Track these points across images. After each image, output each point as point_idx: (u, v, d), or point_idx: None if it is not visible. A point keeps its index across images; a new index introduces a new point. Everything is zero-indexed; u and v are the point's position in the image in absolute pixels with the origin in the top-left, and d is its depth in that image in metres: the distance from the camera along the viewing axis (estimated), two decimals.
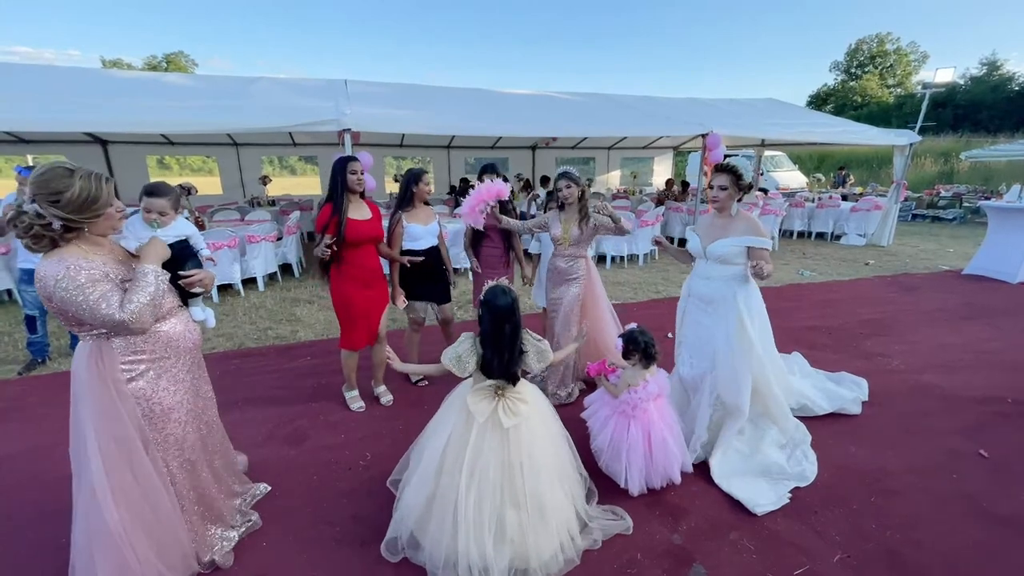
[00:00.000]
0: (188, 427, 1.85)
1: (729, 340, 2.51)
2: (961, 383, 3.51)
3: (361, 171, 2.83)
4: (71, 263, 1.52)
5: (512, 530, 1.82)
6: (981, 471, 2.54)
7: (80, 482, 1.68)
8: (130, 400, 1.67)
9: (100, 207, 1.57)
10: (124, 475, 1.65)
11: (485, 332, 1.88)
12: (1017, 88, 27.37)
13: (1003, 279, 6.33)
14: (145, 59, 39.04)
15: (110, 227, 1.66)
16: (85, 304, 1.51)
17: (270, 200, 10.07)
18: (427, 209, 3.33)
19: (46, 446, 2.79)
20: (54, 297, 1.51)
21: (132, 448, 1.67)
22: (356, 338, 3.01)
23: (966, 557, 1.99)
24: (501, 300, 1.86)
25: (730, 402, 2.57)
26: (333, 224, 2.74)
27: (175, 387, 1.78)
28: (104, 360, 1.62)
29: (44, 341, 3.93)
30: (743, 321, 2.51)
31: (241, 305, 5.49)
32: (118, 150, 9.54)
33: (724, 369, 2.55)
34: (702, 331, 2.66)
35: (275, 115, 5.90)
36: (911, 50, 34.10)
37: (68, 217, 1.52)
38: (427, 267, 3.26)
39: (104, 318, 1.53)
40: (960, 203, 12.94)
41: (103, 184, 1.57)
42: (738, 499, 2.31)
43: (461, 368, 1.90)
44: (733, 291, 2.53)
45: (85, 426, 1.62)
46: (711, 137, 7.14)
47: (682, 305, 2.83)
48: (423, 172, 3.20)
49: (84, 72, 8.39)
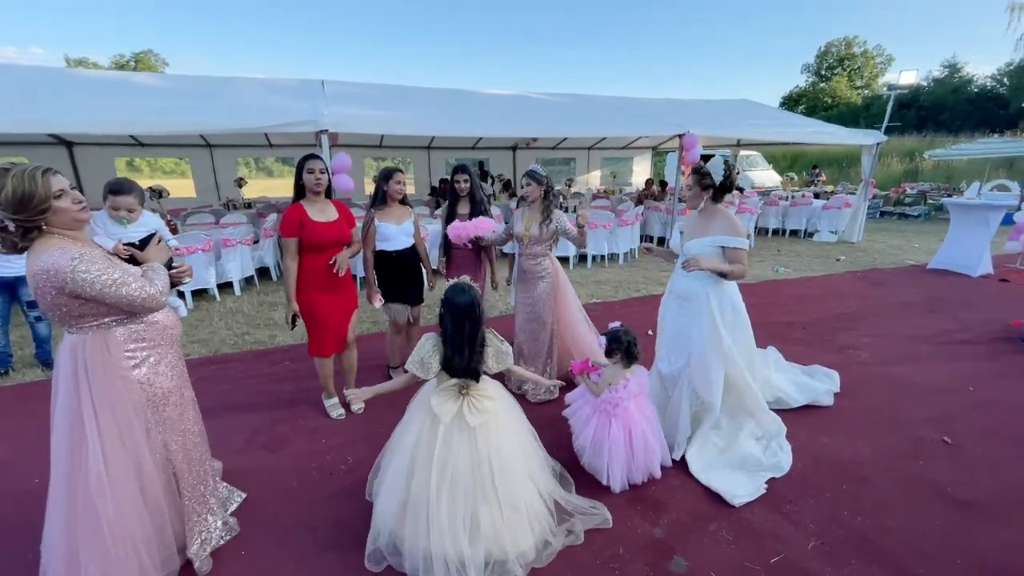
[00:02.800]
0: (183, 411, 1.90)
1: (702, 337, 2.57)
2: (926, 373, 3.66)
3: (320, 170, 2.71)
4: (78, 250, 1.53)
5: (486, 526, 1.83)
6: (945, 458, 2.65)
7: (59, 487, 1.65)
8: (135, 385, 1.70)
9: (39, 203, 1.51)
10: (125, 464, 1.67)
11: (446, 330, 1.89)
12: (976, 90, 28.60)
13: (965, 272, 6.61)
14: (112, 58, 37.66)
15: (71, 219, 1.60)
16: (111, 282, 1.55)
17: (246, 203, 9.84)
18: (402, 208, 3.26)
19: (8, 459, 2.68)
20: (72, 283, 1.50)
21: (134, 435, 1.69)
22: (325, 345, 2.93)
23: (932, 540, 2.07)
24: (460, 298, 1.88)
25: (703, 397, 2.64)
26: (295, 225, 2.66)
27: (171, 372, 1.84)
28: (111, 351, 1.65)
29: (7, 351, 3.77)
30: (714, 318, 2.58)
31: (217, 310, 5.36)
32: (85, 152, 9.19)
33: (697, 365, 2.61)
34: (679, 327, 2.71)
35: (250, 116, 5.78)
36: (877, 53, 35.27)
37: (13, 218, 1.49)
38: (401, 267, 3.24)
39: (133, 295, 1.60)
40: (925, 200, 13.45)
41: (39, 179, 1.50)
42: (716, 491, 2.36)
43: (425, 370, 1.91)
44: (706, 289, 2.59)
45: (86, 419, 1.61)
46: (688, 137, 7.26)
47: (664, 301, 2.89)
48: (395, 170, 3.16)
49: (48, 71, 8.06)
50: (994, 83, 28.35)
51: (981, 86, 28.78)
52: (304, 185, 2.71)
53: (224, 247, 5.84)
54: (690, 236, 2.64)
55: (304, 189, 2.73)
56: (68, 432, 1.63)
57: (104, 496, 1.61)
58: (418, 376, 1.94)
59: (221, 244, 5.82)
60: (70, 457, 1.63)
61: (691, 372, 2.64)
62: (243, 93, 7.14)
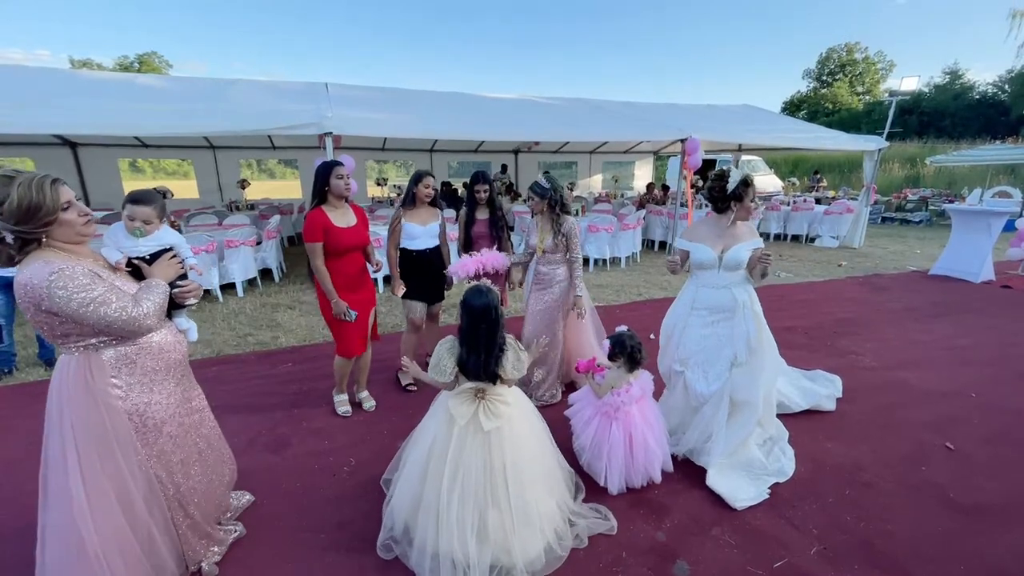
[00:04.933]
0: (179, 440, 1.77)
1: (749, 343, 2.52)
2: (929, 379, 3.65)
3: (347, 176, 2.78)
4: (59, 264, 1.42)
5: (494, 531, 1.83)
6: (948, 463, 2.64)
7: (48, 500, 1.58)
8: (120, 416, 1.58)
9: (45, 215, 1.41)
10: (106, 493, 1.57)
11: (462, 331, 1.91)
12: (978, 96, 28.66)
13: (967, 279, 6.61)
14: (117, 60, 37.96)
15: (75, 234, 1.51)
16: (89, 301, 1.43)
17: (249, 204, 9.89)
18: (430, 210, 3.34)
19: (11, 460, 2.69)
20: (48, 300, 1.39)
21: (116, 466, 1.58)
22: (352, 345, 2.95)
23: (935, 546, 2.07)
24: (478, 300, 1.89)
25: (742, 398, 2.57)
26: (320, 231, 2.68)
27: (166, 400, 1.71)
28: (94, 375, 1.53)
29: (11, 351, 3.78)
30: (761, 320, 2.59)
31: (220, 311, 5.37)
32: (88, 153, 9.25)
33: (743, 370, 2.55)
34: (715, 341, 2.60)
35: (255, 118, 5.81)
36: (878, 59, 35.37)
37: (14, 229, 1.39)
38: (422, 266, 3.32)
39: (111, 316, 1.47)
40: (926, 206, 13.48)
41: (47, 189, 1.41)
42: (720, 494, 2.36)
43: (441, 372, 1.91)
44: (747, 294, 2.59)
45: (66, 442, 1.52)
46: (690, 142, 7.28)
47: (683, 319, 2.70)
48: (426, 174, 3.24)
49: (53, 72, 8.13)
50: (995, 90, 28.44)
51: (982, 93, 28.86)
52: (329, 190, 2.74)
53: (227, 248, 5.86)
54: (721, 246, 2.57)
55: (326, 194, 2.75)
56: (53, 451, 1.56)
57: (87, 522, 1.52)
58: (437, 381, 1.95)
59: (224, 245, 5.84)
60: (55, 478, 1.55)
61: (732, 379, 2.56)
62: (247, 95, 7.18)
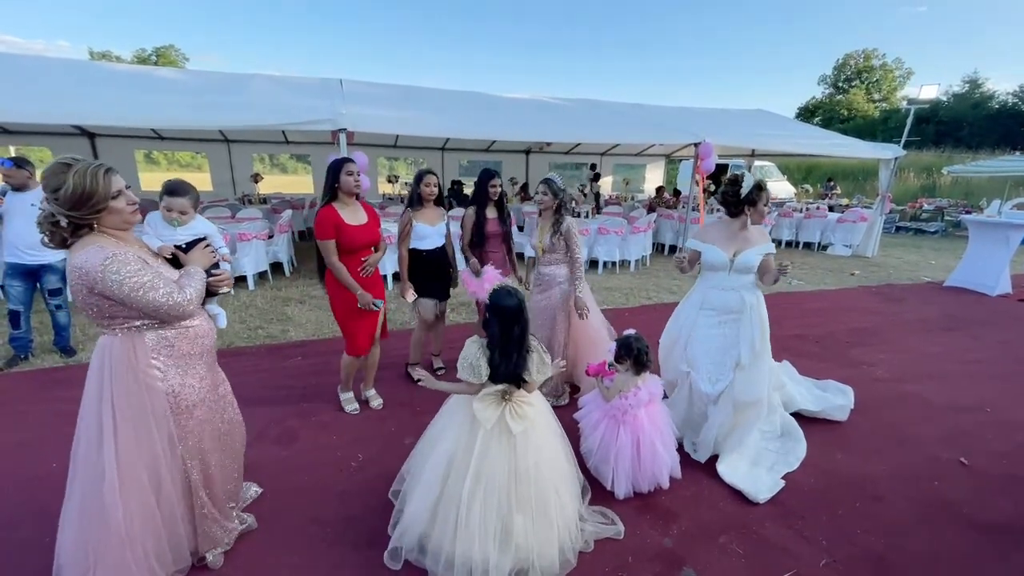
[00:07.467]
0: (207, 424, 1.84)
1: (753, 345, 2.57)
2: (943, 392, 3.60)
3: (358, 173, 2.79)
4: (112, 250, 1.51)
5: (519, 535, 1.80)
6: (962, 479, 2.60)
7: (76, 478, 1.64)
8: (160, 396, 1.66)
9: (98, 202, 1.51)
10: (139, 472, 1.63)
11: (493, 335, 1.84)
12: (997, 106, 28.18)
13: (983, 291, 6.50)
14: (135, 52, 38.46)
15: (123, 221, 1.61)
16: (139, 286, 1.52)
17: (261, 198, 9.97)
18: (436, 209, 3.36)
19: (26, 443, 2.73)
20: (101, 283, 1.48)
21: (151, 445, 1.65)
22: (362, 343, 2.96)
23: (948, 563, 2.04)
24: (508, 301, 1.84)
25: (746, 399, 2.61)
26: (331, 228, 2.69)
27: (199, 383, 1.78)
28: (137, 355, 1.61)
29: (27, 337, 3.84)
30: (765, 324, 2.63)
31: (231, 304, 5.42)
32: (105, 143, 9.38)
33: (746, 372, 2.58)
34: (720, 342, 2.64)
35: (270, 113, 5.86)
36: (896, 66, 34.97)
37: (68, 214, 1.48)
38: (433, 265, 3.35)
39: (159, 301, 1.56)
40: (942, 216, 13.27)
41: (100, 178, 1.50)
42: (740, 490, 2.41)
43: (477, 374, 1.85)
44: (755, 297, 2.63)
45: (104, 420, 1.59)
46: (704, 146, 7.22)
47: (691, 319, 2.75)
48: (426, 172, 3.24)
49: (72, 63, 8.23)
50: (1016, 100, 27.91)
51: (1002, 103, 28.37)
52: (340, 187, 2.74)
53: (240, 241, 5.92)
54: (733, 249, 2.58)
55: (337, 191, 2.75)
56: (87, 431, 1.62)
57: (116, 501, 1.58)
58: (472, 383, 1.87)
59: (237, 238, 5.89)
60: (88, 456, 1.61)
61: (734, 380, 2.59)
62: (263, 90, 7.23)
